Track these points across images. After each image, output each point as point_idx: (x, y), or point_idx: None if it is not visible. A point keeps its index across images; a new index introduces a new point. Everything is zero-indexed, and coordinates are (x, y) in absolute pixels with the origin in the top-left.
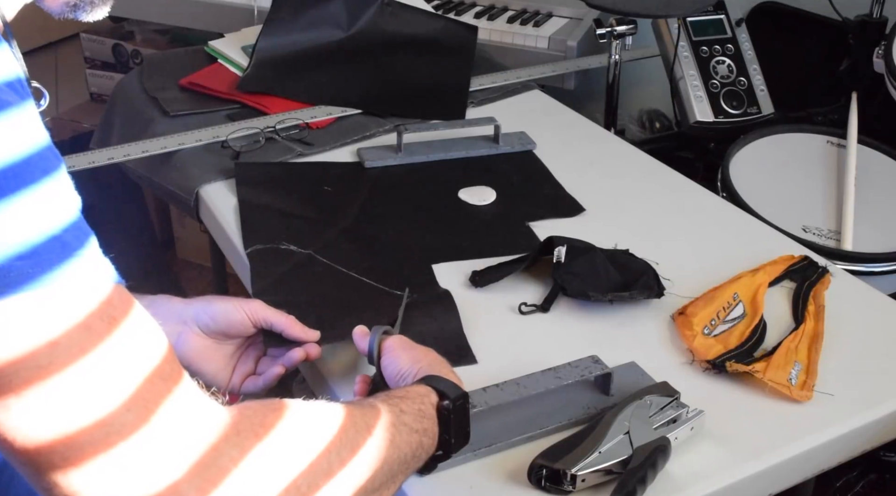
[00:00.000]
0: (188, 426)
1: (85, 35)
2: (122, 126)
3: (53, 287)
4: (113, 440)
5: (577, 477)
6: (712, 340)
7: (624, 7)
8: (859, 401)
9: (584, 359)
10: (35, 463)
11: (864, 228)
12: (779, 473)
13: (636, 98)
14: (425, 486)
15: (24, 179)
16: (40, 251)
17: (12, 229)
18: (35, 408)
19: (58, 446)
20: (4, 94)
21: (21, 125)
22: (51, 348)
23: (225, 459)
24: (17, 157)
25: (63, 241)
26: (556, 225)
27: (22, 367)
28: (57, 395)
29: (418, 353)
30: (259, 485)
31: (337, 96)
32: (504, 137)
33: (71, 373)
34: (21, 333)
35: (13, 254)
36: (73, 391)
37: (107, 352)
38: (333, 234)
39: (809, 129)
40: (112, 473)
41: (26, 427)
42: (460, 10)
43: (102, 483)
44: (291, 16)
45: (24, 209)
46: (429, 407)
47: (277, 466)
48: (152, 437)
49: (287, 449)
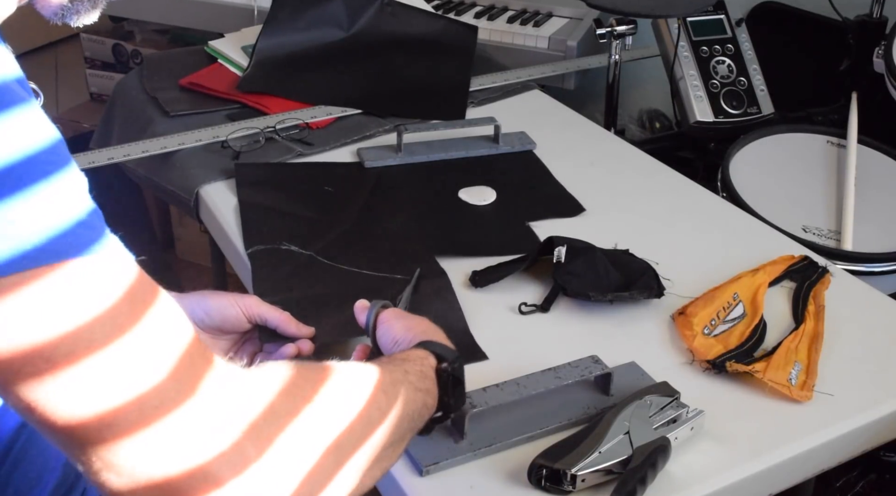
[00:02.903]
0: (238, 388)
1: (85, 35)
2: (122, 126)
3: (91, 264)
4: (165, 409)
5: (577, 477)
6: (712, 340)
7: (624, 7)
8: (859, 401)
9: (584, 359)
10: (81, 439)
11: (864, 228)
12: (779, 473)
13: (636, 98)
14: (425, 486)
15: (53, 164)
16: (74, 232)
17: (44, 214)
18: (81, 385)
19: (107, 420)
20: (18, 90)
21: (40, 118)
22: (94, 324)
23: (280, 417)
24: (44, 144)
25: (90, 225)
26: (556, 225)
27: (66, 343)
28: (103, 371)
29: (411, 322)
30: (311, 441)
31: (337, 96)
32: (504, 137)
33: (115, 348)
34: (62, 310)
35: (51, 236)
36: (118, 366)
37: (147, 327)
38: (334, 234)
39: (809, 129)
40: (169, 442)
41: (72, 404)
42: (460, 10)
43: (158, 453)
44: (291, 16)
45: (55, 193)
46: (428, 369)
47: (327, 423)
48: (204, 403)
49: (335, 407)
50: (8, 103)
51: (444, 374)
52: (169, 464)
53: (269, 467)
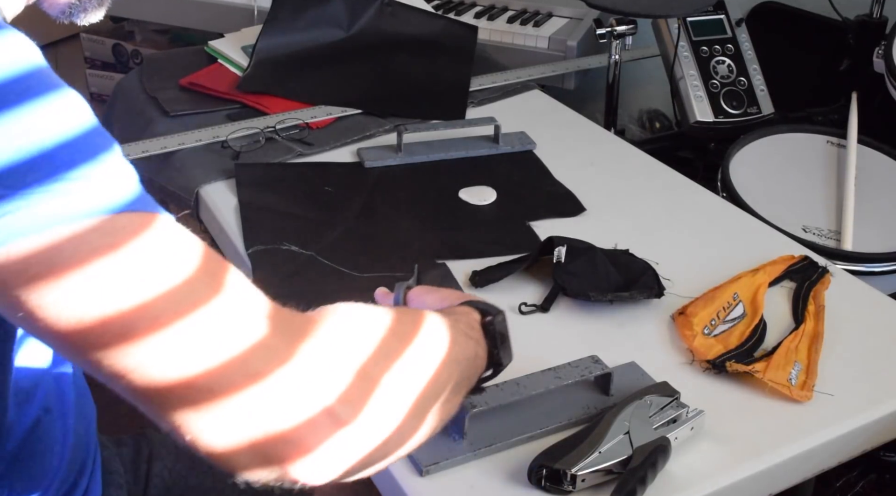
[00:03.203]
0: (342, 333)
1: (85, 35)
2: (122, 126)
3: (172, 222)
4: (276, 362)
5: (577, 477)
6: (712, 340)
7: (624, 7)
8: (859, 401)
9: (584, 359)
10: (180, 401)
11: (864, 228)
12: (779, 473)
13: (636, 98)
14: (425, 486)
15: (107, 140)
16: (146, 196)
17: (123, 176)
18: (186, 344)
19: (215, 378)
20: (53, 76)
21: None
22: (194, 280)
23: (386, 358)
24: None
25: (147, 201)
26: (555, 225)
27: (171, 298)
28: (207, 328)
29: (444, 292)
30: (411, 381)
31: (337, 96)
32: (504, 137)
33: (217, 304)
34: (160, 266)
35: (136, 192)
36: (223, 322)
37: (230, 294)
38: (334, 235)
39: (809, 129)
40: (284, 395)
41: (174, 366)
42: (460, 10)
43: (275, 408)
44: (291, 16)
45: (113, 167)
46: (474, 322)
47: (425, 363)
48: (313, 350)
49: (429, 349)
50: (60, 83)
51: (491, 327)
52: (287, 417)
53: (377, 409)
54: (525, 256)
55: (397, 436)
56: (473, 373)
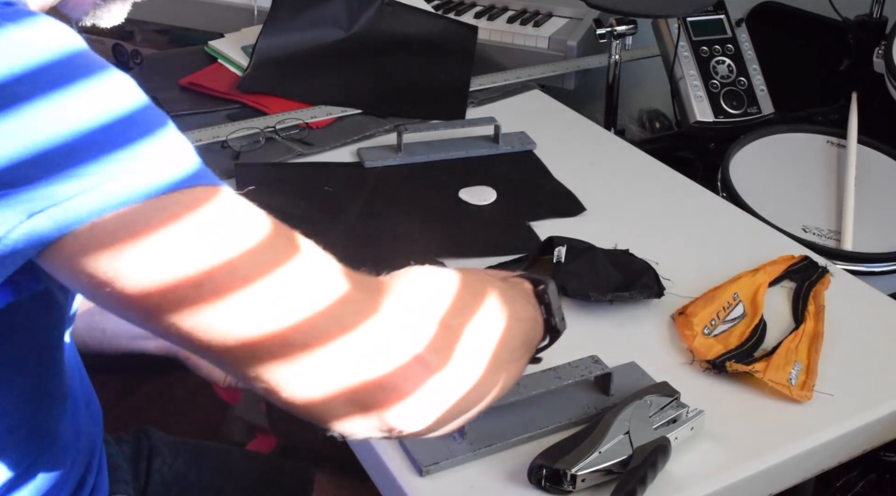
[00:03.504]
0: (419, 290)
1: (85, 35)
2: None
3: (236, 203)
4: (357, 320)
5: (577, 477)
6: (712, 340)
7: (624, 7)
8: (859, 401)
9: (584, 359)
10: (267, 356)
11: (864, 228)
12: (779, 473)
13: (636, 98)
14: (425, 486)
15: (161, 115)
16: (206, 170)
17: (183, 149)
18: (273, 301)
19: (305, 332)
20: (97, 57)
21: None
22: (273, 239)
23: (464, 311)
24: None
25: (210, 173)
26: (555, 225)
27: (251, 258)
28: (291, 285)
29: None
30: (489, 335)
31: (337, 96)
32: (504, 137)
33: (298, 262)
34: (232, 238)
35: (197, 165)
36: (305, 280)
37: (308, 254)
38: (334, 235)
39: (809, 129)
40: (370, 347)
41: (262, 322)
42: (460, 10)
43: (361, 360)
44: (291, 16)
45: (174, 141)
46: (528, 291)
47: (499, 318)
48: (395, 303)
49: (500, 305)
50: (105, 64)
51: (545, 295)
52: (381, 364)
53: (462, 358)
54: (525, 256)
55: (480, 386)
56: (535, 335)
